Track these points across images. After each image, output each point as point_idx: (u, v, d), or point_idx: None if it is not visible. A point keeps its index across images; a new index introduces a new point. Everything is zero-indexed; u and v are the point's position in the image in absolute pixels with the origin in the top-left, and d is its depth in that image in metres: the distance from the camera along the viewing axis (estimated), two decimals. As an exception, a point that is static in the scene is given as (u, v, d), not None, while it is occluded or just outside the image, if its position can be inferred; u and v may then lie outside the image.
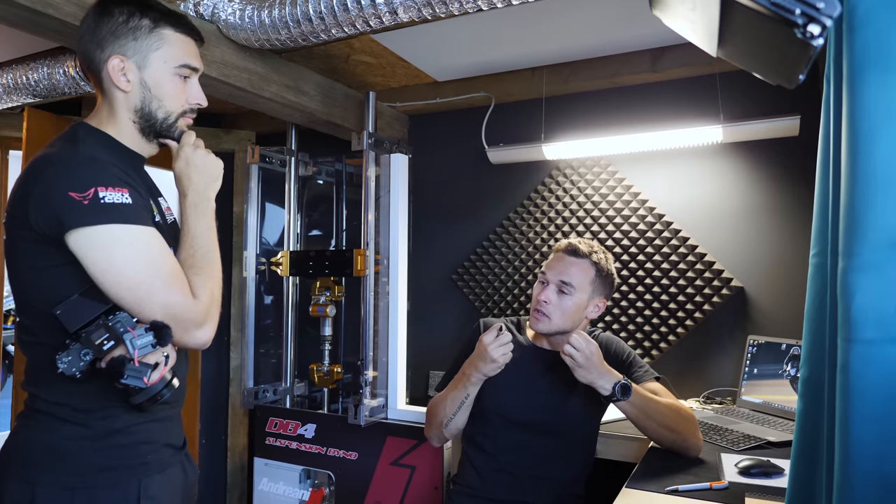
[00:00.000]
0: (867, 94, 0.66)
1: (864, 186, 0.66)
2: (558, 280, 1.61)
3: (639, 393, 1.48)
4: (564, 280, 1.60)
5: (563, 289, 1.60)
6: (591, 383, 1.47)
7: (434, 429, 1.66)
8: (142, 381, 0.95)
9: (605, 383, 1.46)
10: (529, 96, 2.50)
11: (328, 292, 2.65)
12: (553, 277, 1.62)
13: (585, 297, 1.62)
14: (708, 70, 2.19)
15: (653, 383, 1.62)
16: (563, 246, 1.66)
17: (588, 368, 1.45)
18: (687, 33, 0.80)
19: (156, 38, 1.11)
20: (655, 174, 2.34)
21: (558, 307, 1.60)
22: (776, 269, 2.15)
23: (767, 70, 0.71)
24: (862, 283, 0.65)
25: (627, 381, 1.47)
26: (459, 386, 1.58)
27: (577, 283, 1.60)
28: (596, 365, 1.46)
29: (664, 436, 1.52)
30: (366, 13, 1.61)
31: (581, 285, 1.60)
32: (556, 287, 1.61)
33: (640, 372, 1.64)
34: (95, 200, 0.96)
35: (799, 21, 0.55)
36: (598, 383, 1.46)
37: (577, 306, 1.61)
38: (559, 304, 1.60)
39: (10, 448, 1.05)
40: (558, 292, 1.61)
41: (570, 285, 1.60)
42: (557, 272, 1.62)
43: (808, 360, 0.83)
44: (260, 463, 2.49)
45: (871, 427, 0.64)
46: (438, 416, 1.63)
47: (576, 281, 1.60)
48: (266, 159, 2.71)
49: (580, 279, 1.60)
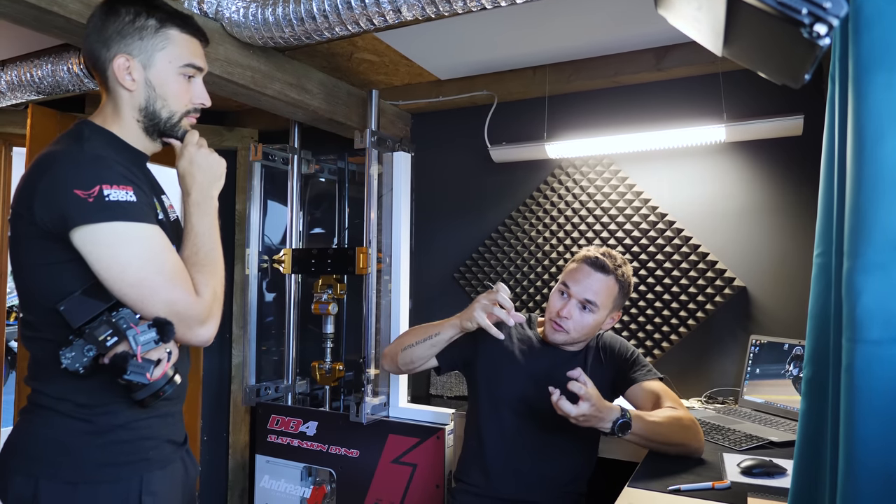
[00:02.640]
0: (873, 94, 0.66)
1: (870, 187, 0.65)
2: (583, 298, 1.55)
3: (639, 423, 1.41)
4: (590, 299, 1.55)
5: (586, 306, 1.56)
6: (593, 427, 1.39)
7: (393, 347, 1.71)
8: (144, 377, 0.95)
9: (604, 424, 1.38)
10: (532, 95, 2.50)
11: (330, 290, 2.65)
12: (577, 293, 1.56)
13: (605, 314, 1.59)
14: (711, 69, 2.19)
15: (655, 383, 1.61)
16: (590, 258, 1.58)
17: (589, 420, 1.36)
18: (692, 32, 0.80)
19: (161, 37, 1.11)
20: (658, 173, 2.34)
21: (579, 323, 1.56)
22: (779, 268, 2.14)
23: (773, 70, 0.71)
24: (867, 284, 0.65)
25: (626, 416, 1.38)
26: (437, 323, 1.63)
27: (601, 302, 1.55)
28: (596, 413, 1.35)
29: (668, 449, 1.51)
30: (369, 11, 1.60)
31: (604, 304, 1.57)
32: (580, 303, 1.56)
33: (642, 371, 1.63)
34: (100, 198, 0.96)
35: (805, 21, 0.55)
36: (599, 426, 1.38)
37: (596, 323, 1.59)
38: (580, 321, 1.56)
39: (14, 443, 1.05)
40: (581, 309, 1.56)
41: (594, 304, 1.55)
42: (583, 288, 1.56)
43: (811, 360, 0.83)
44: (261, 460, 2.50)
45: (875, 427, 0.64)
46: (405, 339, 1.68)
47: (600, 300, 1.55)
48: (269, 157, 2.71)
49: (604, 297, 1.55)
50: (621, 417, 1.38)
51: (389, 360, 1.73)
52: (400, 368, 1.72)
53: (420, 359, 1.65)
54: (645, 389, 1.59)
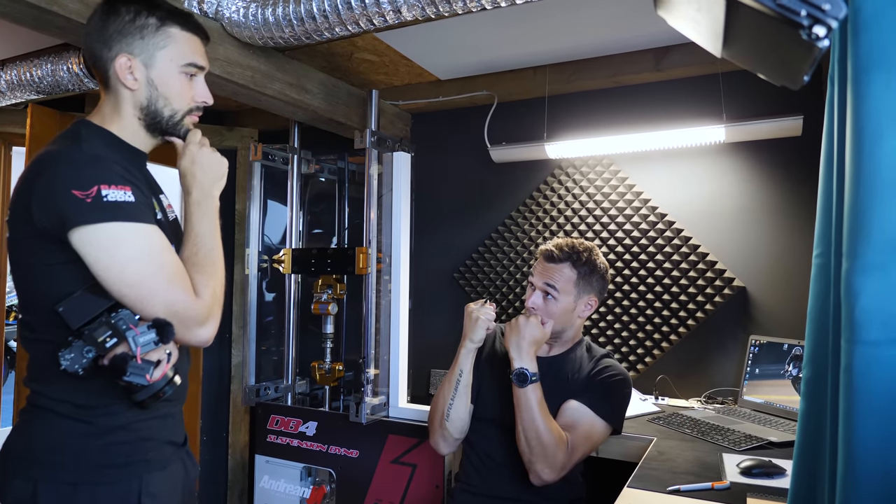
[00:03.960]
0: (872, 95, 0.66)
1: (869, 187, 0.65)
2: (542, 284, 1.62)
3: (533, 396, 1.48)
4: (549, 283, 1.61)
5: (548, 292, 1.62)
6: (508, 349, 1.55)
7: (437, 424, 1.62)
8: (144, 378, 0.95)
9: (516, 357, 1.52)
10: (532, 95, 2.50)
11: (330, 290, 2.65)
12: (538, 282, 1.64)
13: (571, 300, 1.62)
14: (711, 70, 2.19)
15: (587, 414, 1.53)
16: (544, 251, 1.67)
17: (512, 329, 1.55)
18: (691, 34, 0.80)
19: (162, 36, 1.11)
20: (658, 174, 2.34)
21: (545, 311, 1.61)
22: (778, 269, 2.14)
23: (771, 71, 0.71)
24: (866, 285, 0.65)
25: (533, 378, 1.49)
26: (452, 365, 1.64)
27: (561, 287, 1.61)
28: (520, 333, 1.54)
29: (519, 443, 1.48)
30: (369, 11, 1.60)
31: (565, 288, 1.61)
32: (542, 292, 1.63)
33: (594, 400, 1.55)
34: (98, 198, 0.96)
35: (804, 22, 0.55)
36: (511, 352, 1.54)
37: (563, 309, 1.62)
38: (546, 309, 1.61)
39: (12, 444, 1.05)
40: (544, 296, 1.62)
41: (553, 288, 1.61)
42: (540, 276, 1.64)
43: (811, 360, 0.83)
44: (261, 460, 2.50)
45: (874, 428, 0.64)
46: (439, 406, 1.63)
47: (559, 285, 1.61)
48: (269, 157, 2.71)
49: (562, 283, 1.61)
50: (529, 372, 1.50)
51: (443, 439, 1.64)
52: (457, 438, 1.64)
53: (465, 408, 1.63)
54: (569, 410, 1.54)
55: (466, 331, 1.62)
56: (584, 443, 1.50)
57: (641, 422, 1.93)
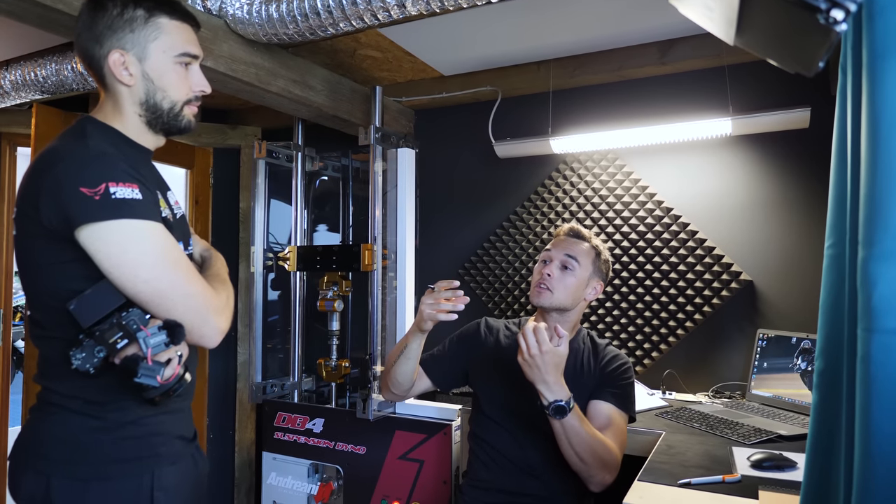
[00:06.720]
0: (888, 81, 0.65)
1: (885, 174, 0.65)
2: (563, 255, 1.65)
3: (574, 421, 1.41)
4: (570, 254, 1.65)
5: (567, 264, 1.65)
6: (533, 383, 1.41)
7: (383, 375, 1.73)
8: (155, 379, 0.95)
9: (546, 393, 1.40)
10: (536, 90, 2.49)
11: (335, 287, 2.65)
12: (557, 255, 1.66)
13: (587, 276, 1.67)
14: (717, 62, 2.17)
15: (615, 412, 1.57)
16: (565, 230, 1.72)
17: (531, 367, 1.40)
18: (703, 21, 0.79)
19: (152, 27, 1.10)
20: (663, 167, 2.33)
21: (561, 281, 1.64)
22: (785, 262, 2.14)
23: (786, 58, 0.70)
24: (883, 272, 0.64)
25: (569, 405, 1.40)
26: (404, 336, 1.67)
27: (581, 260, 1.65)
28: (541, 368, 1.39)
29: (574, 462, 1.47)
30: (374, 6, 1.60)
31: (584, 263, 1.66)
32: (560, 263, 1.65)
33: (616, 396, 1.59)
34: (106, 196, 0.95)
35: (822, 6, 0.54)
36: (539, 388, 1.40)
37: (579, 282, 1.65)
38: (562, 279, 1.64)
39: (25, 441, 1.06)
40: (562, 268, 1.65)
41: (574, 260, 1.64)
42: (561, 249, 1.67)
43: (823, 351, 0.82)
44: (268, 457, 2.50)
45: (892, 418, 0.64)
46: (388, 362, 1.71)
47: (580, 258, 1.65)
48: (272, 154, 2.70)
49: (583, 258, 1.66)
50: (564, 402, 1.39)
51: (385, 389, 1.74)
52: (395, 393, 1.72)
53: (403, 374, 1.66)
54: (603, 411, 1.57)
55: (417, 318, 1.58)
56: (621, 436, 1.56)
57: (649, 416, 1.93)
